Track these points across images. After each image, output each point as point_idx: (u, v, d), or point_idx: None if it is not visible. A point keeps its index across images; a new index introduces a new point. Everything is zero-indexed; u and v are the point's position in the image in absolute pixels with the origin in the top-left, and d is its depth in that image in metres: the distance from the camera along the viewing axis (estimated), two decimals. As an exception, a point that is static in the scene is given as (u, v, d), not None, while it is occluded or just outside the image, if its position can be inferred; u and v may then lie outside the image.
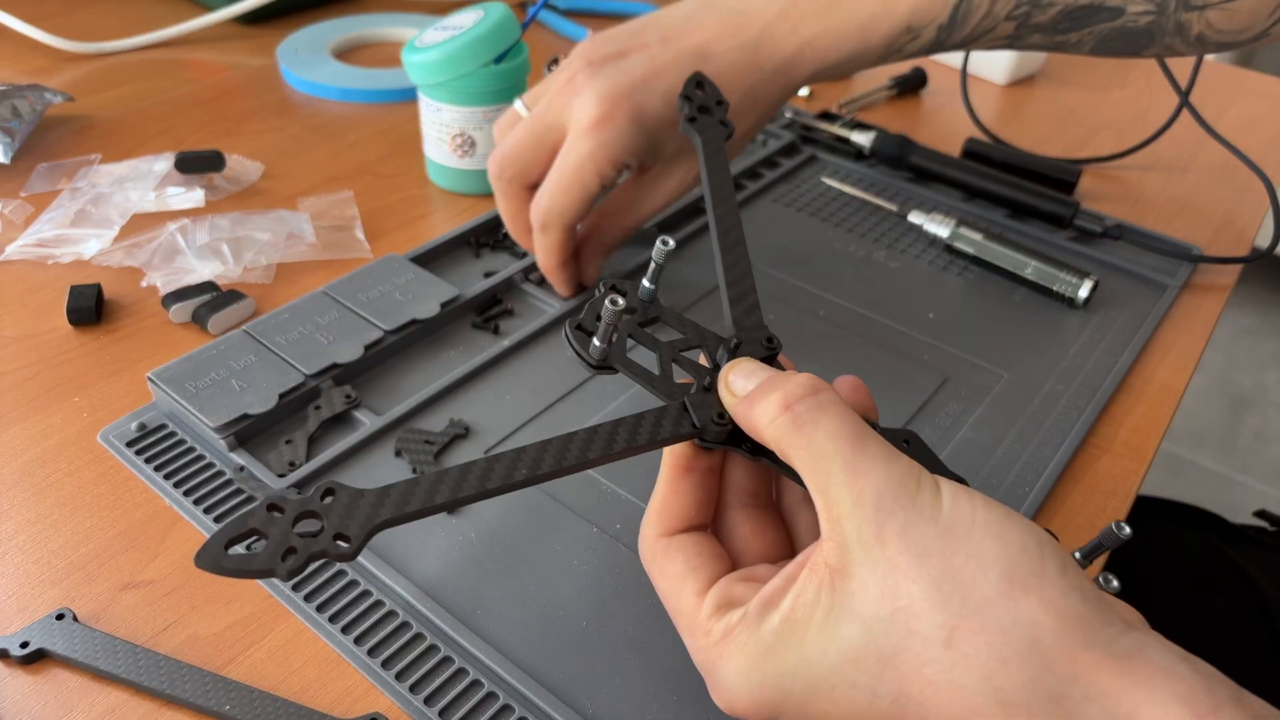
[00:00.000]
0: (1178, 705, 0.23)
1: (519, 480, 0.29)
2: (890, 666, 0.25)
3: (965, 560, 0.25)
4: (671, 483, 0.32)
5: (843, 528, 0.27)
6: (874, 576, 0.26)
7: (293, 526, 0.26)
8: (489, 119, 0.59)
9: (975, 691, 0.24)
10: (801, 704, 0.27)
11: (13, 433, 0.44)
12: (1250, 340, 1.86)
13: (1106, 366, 0.51)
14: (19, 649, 0.35)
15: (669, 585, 0.31)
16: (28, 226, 0.57)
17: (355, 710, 0.34)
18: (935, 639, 0.25)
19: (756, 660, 0.27)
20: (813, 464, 0.28)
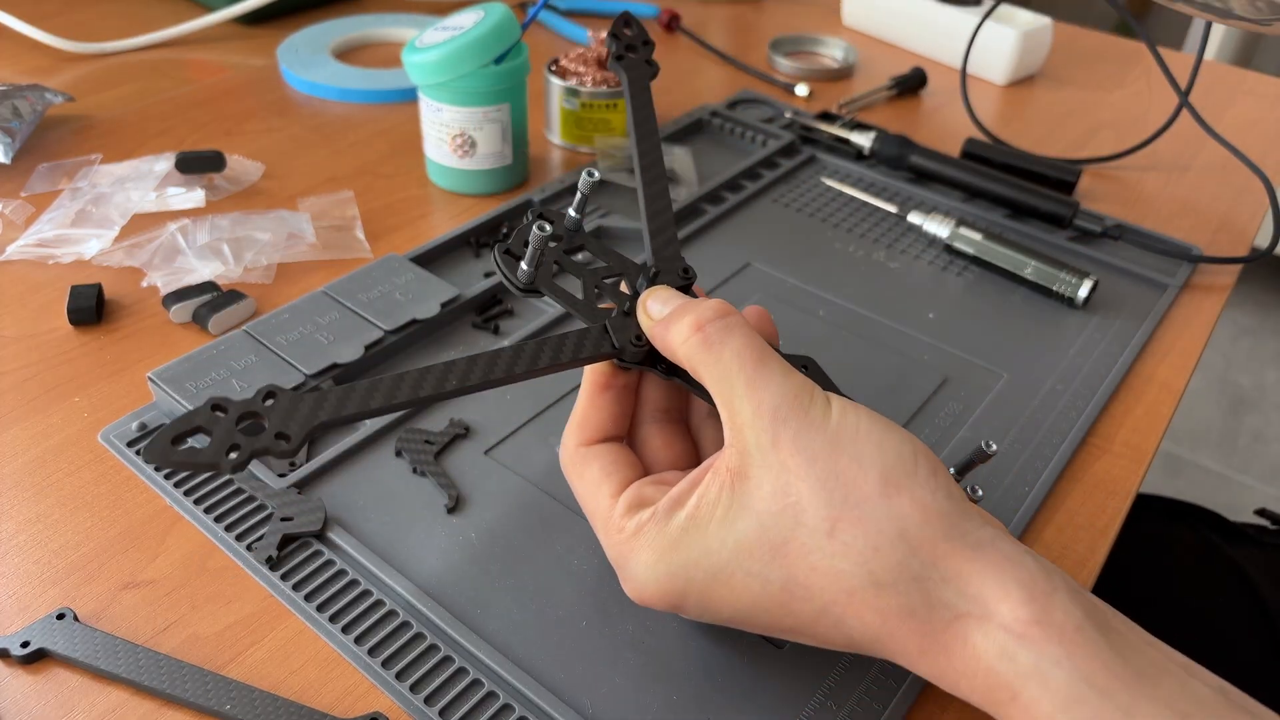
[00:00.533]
0: (1018, 588, 0.27)
1: (450, 390, 0.31)
2: (780, 555, 0.29)
3: (848, 463, 0.29)
4: (591, 398, 0.35)
5: (744, 435, 0.30)
6: (768, 477, 0.29)
7: (236, 425, 0.27)
8: (489, 119, 0.59)
9: (851, 575, 0.28)
10: (703, 591, 0.30)
11: (13, 433, 0.44)
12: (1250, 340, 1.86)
13: (1106, 366, 0.51)
14: (19, 648, 0.35)
15: (586, 489, 0.34)
16: (28, 226, 0.57)
17: (355, 710, 0.34)
18: (820, 530, 0.29)
19: (663, 552, 0.31)
20: (719, 379, 0.31)
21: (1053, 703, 0.26)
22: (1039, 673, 0.26)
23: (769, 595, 0.30)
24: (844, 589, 0.28)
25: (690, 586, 0.31)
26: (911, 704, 0.35)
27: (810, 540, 0.29)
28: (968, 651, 0.27)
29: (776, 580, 0.29)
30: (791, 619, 0.30)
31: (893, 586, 0.28)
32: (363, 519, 0.41)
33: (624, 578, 0.33)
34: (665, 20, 0.90)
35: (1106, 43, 0.93)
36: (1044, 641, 0.26)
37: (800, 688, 0.35)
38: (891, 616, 0.28)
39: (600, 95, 0.66)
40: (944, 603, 0.28)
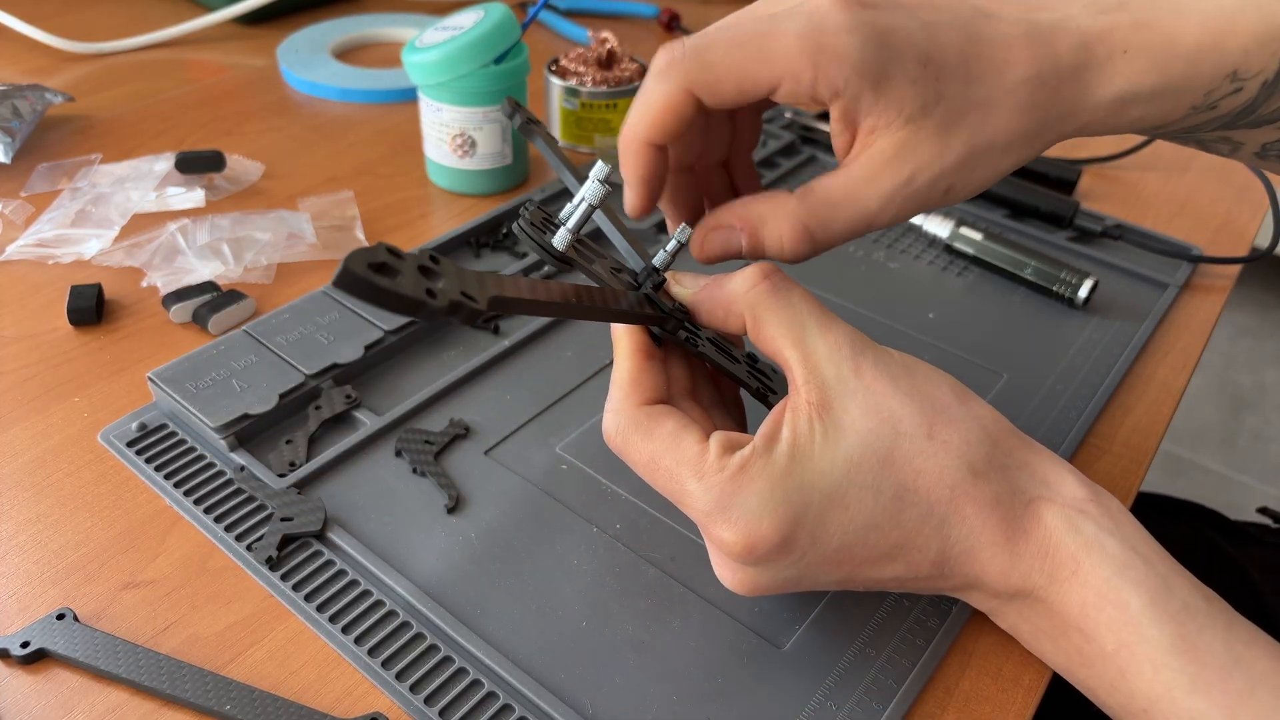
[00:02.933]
0: (1071, 475, 0.33)
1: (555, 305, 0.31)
2: (887, 464, 0.31)
3: (923, 381, 0.33)
4: (640, 361, 0.35)
5: (821, 370, 0.32)
6: (854, 401, 0.32)
7: (419, 273, 0.25)
8: (489, 119, 0.60)
9: (953, 469, 0.31)
10: (820, 514, 0.31)
11: (13, 433, 0.44)
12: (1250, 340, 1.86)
13: (1106, 366, 0.51)
14: (19, 649, 0.35)
15: (664, 443, 0.33)
16: (28, 226, 0.57)
17: (355, 710, 0.34)
18: (919, 434, 0.32)
19: (777, 480, 0.31)
20: (789, 321, 0.33)
21: (1110, 567, 0.30)
22: (1098, 542, 0.31)
23: (881, 507, 0.31)
24: (948, 484, 0.31)
25: (807, 512, 0.31)
26: (911, 705, 0.35)
27: (912, 445, 0.31)
28: (1041, 530, 0.31)
29: (888, 489, 0.31)
30: (898, 531, 0.32)
31: (985, 475, 0.32)
32: (363, 519, 0.41)
33: (730, 519, 0.31)
34: (665, 20, 0.90)
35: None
36: (1100, 515, 0.32)
37: (800, 688, 0.35)
38: (985, 505, 0.31)
39: (600, 95, 0.66)
40: (1021, 488, 0.32)
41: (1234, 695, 0.28)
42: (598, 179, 0.32)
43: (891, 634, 0.37)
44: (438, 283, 0.25)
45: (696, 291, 0.36)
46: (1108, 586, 0.30)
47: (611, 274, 0.36)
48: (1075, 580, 0.31)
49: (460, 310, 0.25)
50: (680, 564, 0.39)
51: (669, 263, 0.36)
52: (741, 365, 0.37)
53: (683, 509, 0.33)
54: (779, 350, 0.33)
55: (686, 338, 0.35)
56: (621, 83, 0.67)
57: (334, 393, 0.46)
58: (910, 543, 0.32)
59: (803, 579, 0.33)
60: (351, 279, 0.23)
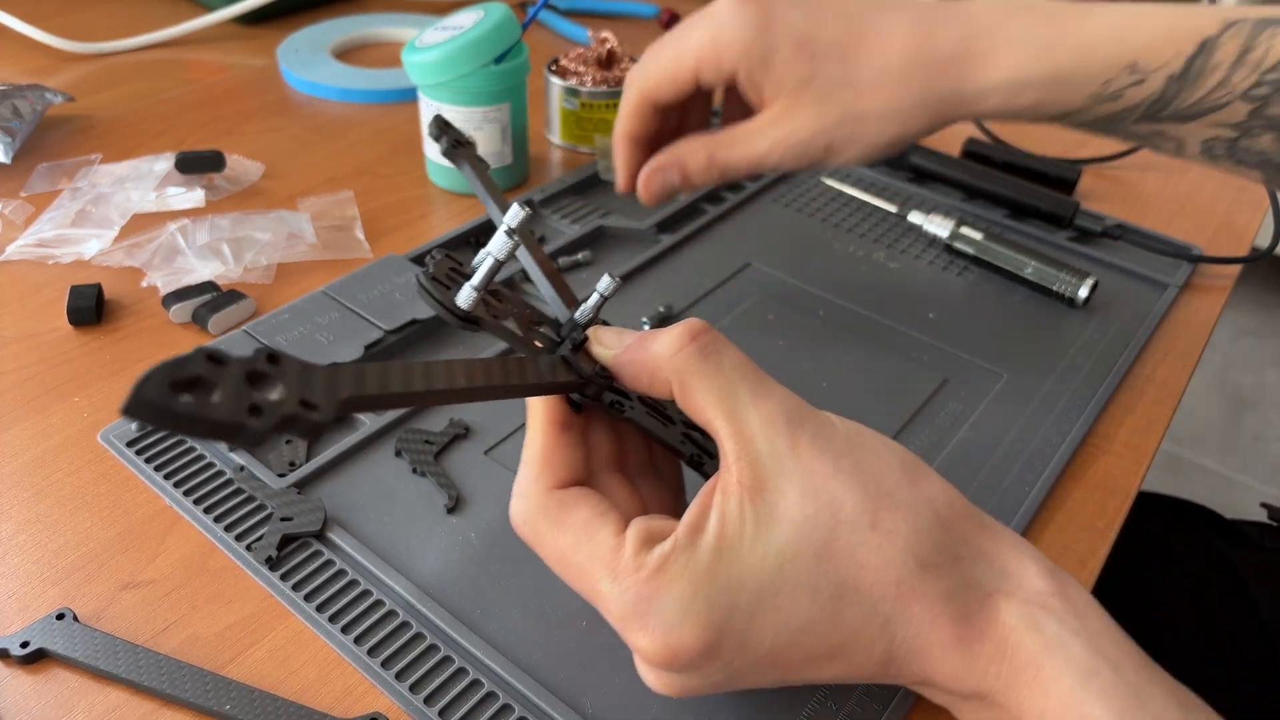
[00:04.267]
0: (1034, 563, 0.29)
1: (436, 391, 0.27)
2: (825, 558, 0.28)
3: (870, 458, 0.29)
4: (554, 437, 0.32)
5: (755, 446, 0.29)
6: (791, 483, 0.28)
7: (247, 384, 0.21)
8: (489, 119, 0.59)
9: (899, 563, 0.28)
10: (748, 617, 0.28)
11: (13, 433, 0.44)
12: (1250, 340, 1.86)
13: (1106, 366, 0.51)
14: (19, 649, 0.35)
15: (575, 535, 0.30)
16: (28, 226, 0.57)
17: (355, 710, 0.34)
18: (862, 523, 0.28)
19: (700, 581, 0.28)
20: (720, 389, 0.30)
21: (1074, 675, 0.27)
22: (1061, 644, 0.27)
23: (818, 607, 0.28)
24: (893, 580, 0.28)
25: (733, 616, 0.28)
26: (911, 706, 0.35)
27: (854, 536, 0.28)
28: (998, 629, 0.28)
29: (826, 587, 0.28)
30: (838, 633, 0.28)
31: (936, 568, 0.28)
32: (362, 519, 0.41)
33: (647, 627, 0.28)
34: (665, 20, 0.90)
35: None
36: (1064, 612, 0.28)
37: (800, 688, 0.35)
38: (935, 602, 0.28)
39: (600, 95, 0.66)
40: (977, 581, 0.29)
41: None
42: (507, 227, 0.30)
43: (891, 634, 0.37)
44: (270, 392, 0.21)
45: (619, 353, 0.32)
46: (1070, 697, 0.27)
47: (529, 328, 0.33)
48: (1035, 687, 0.27)
49: (297, 424, 0.21)
50: (680, 564, 0.39)
51: (592, 316, 0.34)
52: (676, 428, 0.34)
53: (598, 609, 0.30)
54: (709, 421, 0.30)
55: (612, 402, 0.32)
56: (621, 83, 0.67)
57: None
58: (852, 644, 0.28)
59: (734, 680, 0.30)
60: (143, 406, 0.18)
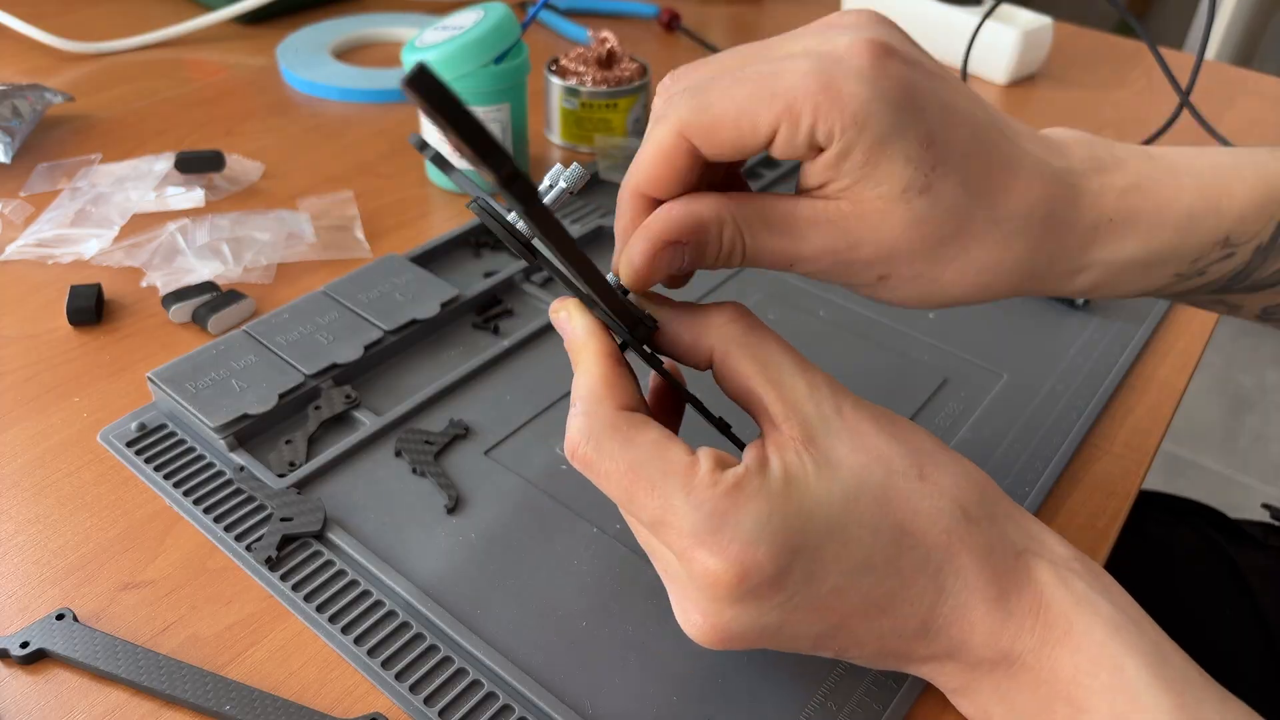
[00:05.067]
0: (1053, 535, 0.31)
1: None
2: (884, 502, 0.29)
3: (903, 428, 0.31)
4: (612, 367, 0.31)
5: (802, 408, 0.30)
6: (840, 439, 0.30)
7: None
8: (489, 119, 0.59)
9: (948, 512, 0.29)
10: (817, 548, 0.28)
11: (13, 433, 0.44)
12: (1250, 340, 1.86)
13: (1107, 366, 0.51)
14: (19, 649, 0.35)
15: (647, 450, 0.29)
16: (27, 226, 0.57)
17: (355, 710, 0.34)
18: (911, 474, 0.29)
19: (776, 503, 0.28)
20: (765, 360, 0.31)
21: (1104, 629, 0.28)
22: (1089, 601, 0.29)
23: (880, 548, 0.29)
24: (943, 528, 0.29)
25: (806, 543, 0.28)
26: (911, 705, 0.35)
27: (906, 484, 0.29)
28: (1033, 586, 0.29)
29: (886, 529, 0.29)
30: (894, 579, 0.29)
31: (978, 522, 0.29)
32: (362, 519, 0.40)
33: (721, 543, 0.27)
34: (665, 20, 0.90)
35: (1107, 42, 0.93)
36: (1088, 575, 0.29)
37: (800, 688, 0.35)
38: (979, 554, 0.29)
39: (600, 95, 0.66)
40: (1010, 539, 0.30)
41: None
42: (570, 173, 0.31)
43: (892, 634, 0.37)
44: None
45: (675, 314, 0.32)
46: (1102, 650, 0.28)
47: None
48: (1067, 643, 0.28)
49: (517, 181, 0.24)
50: (680, 564, 0.39)
51: None
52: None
53: (659, 532, 0.29)
54: (750, 389, 0.30)
55: (651, 353, 0.33)
56: (621, 82, 0.67)
57: (334, 393, 0.46)
58: (903, 593, 0.29)
59: (782, 629, 0.29)
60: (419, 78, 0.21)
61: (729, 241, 0.31)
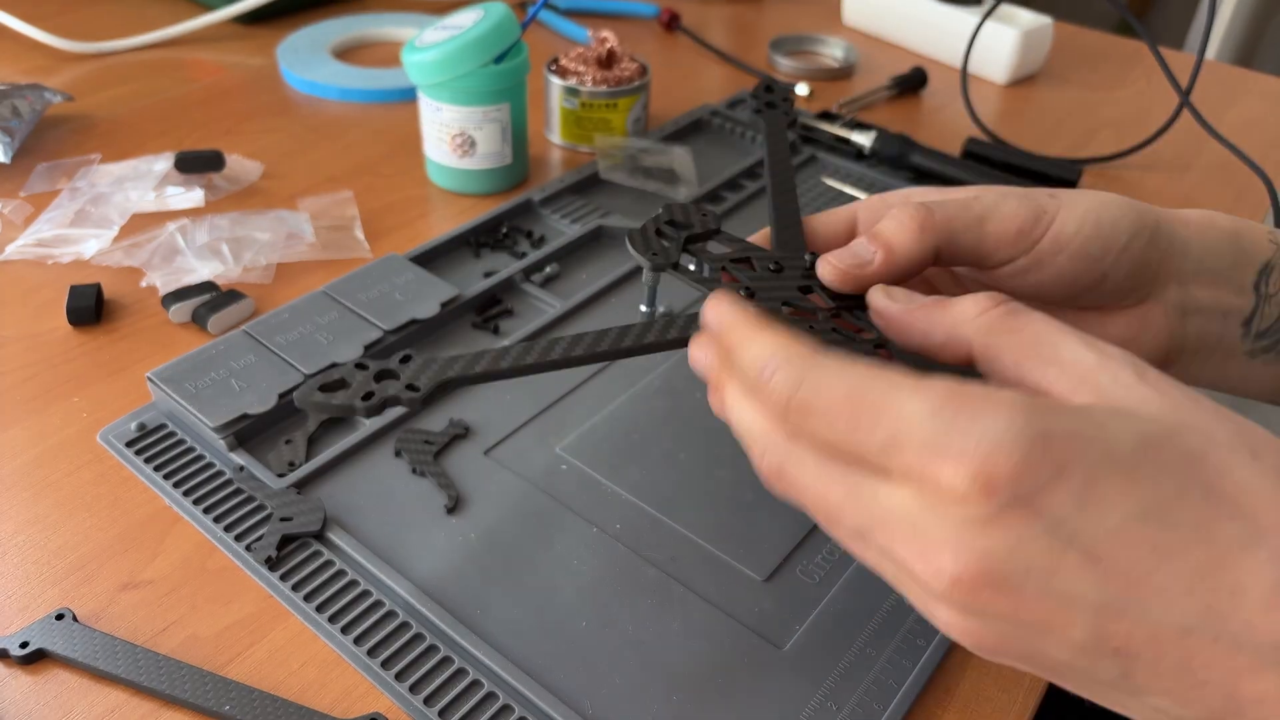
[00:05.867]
0: None
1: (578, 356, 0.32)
2: (1197, 464, 0.23)
3: (1228, 412, 0.25)
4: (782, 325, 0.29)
5: (1095, 377, 0.25)
6: (1145, 401, 0.25)
7: (374, 379, 0.30)
8: (489, 119, 0.59)
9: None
10: (1093, 470, 0.22)
11: (12, 433, 0.44)
12: (1250, 340, 1.85)
13: (1107, 366, 0.51)
14: (19, 649, 0.35)
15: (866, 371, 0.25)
16: (27, 226, 0.57)
17: (355, 710, 0.34)
18: (1240, 448, 0.24)
19: (1040, 412, 0.23)
20: (1035, 342, 0.27)
21: None
22: None
23: (1188, 503, 0.22)
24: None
25: (1077, 461, 0.22)
26: (912, 705, 0.35)
27: (1233, 457, 0.23)
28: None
29: (1197, 489, 0.23)
30: (1203, 546, 0.22)
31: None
32: (362, 519, 0.40)
33: (971, 441, 0.22)
34: (665, 20, 0.90)
35: (1107, 42, 0.93)
36: None
37: (800, 688, 0.35)
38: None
39: (600, 95, 0.66)
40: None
41: None
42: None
43: (892, 634, 0.37)
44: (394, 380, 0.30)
45: (911, 308, 0.30)
46: None
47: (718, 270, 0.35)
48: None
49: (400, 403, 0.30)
50: (680, 564, 0.39)
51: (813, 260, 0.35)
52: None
53: (891, 457, 0.24)
54: (1024, 377, 0.26)
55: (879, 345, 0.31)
56: (621, 82, 0.67)
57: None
58: (1217, 573, 0.22)
59: (1053, 578, 0.23)
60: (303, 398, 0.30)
61: None
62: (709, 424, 0.45)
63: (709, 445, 0.44)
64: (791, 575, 0.39)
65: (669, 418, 0.46)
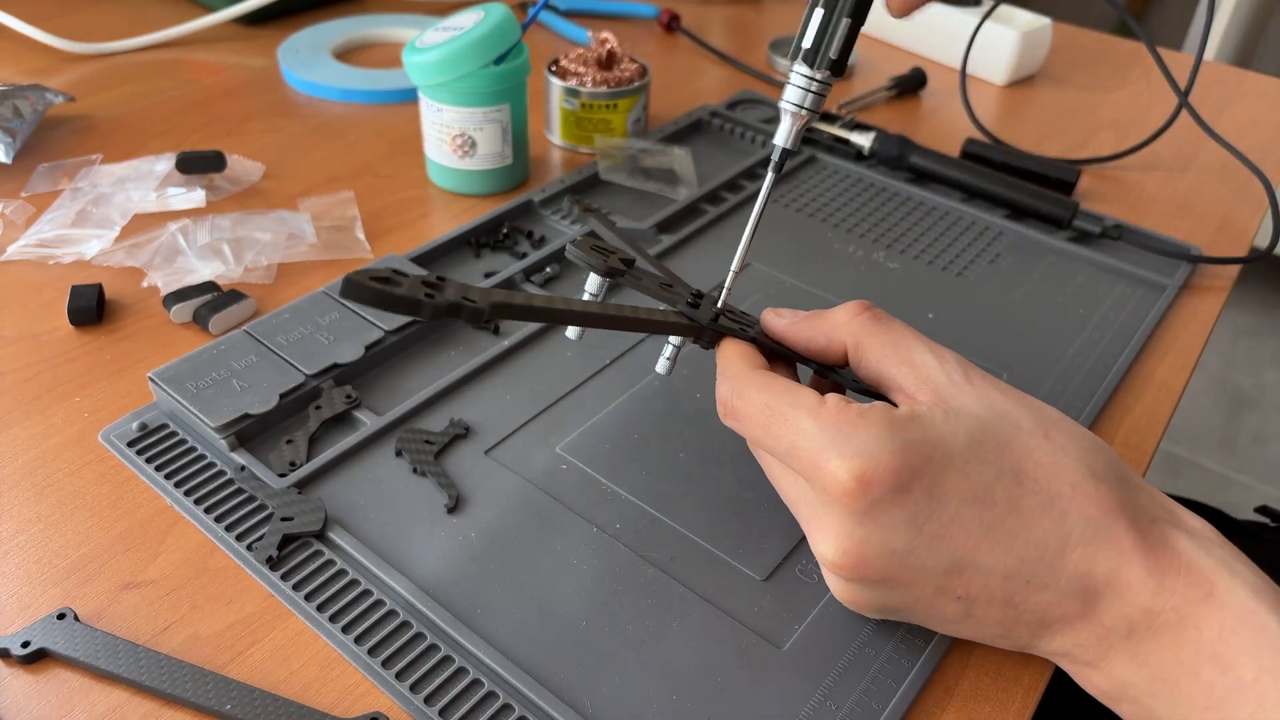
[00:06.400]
0: (1184, 509, 0.32)
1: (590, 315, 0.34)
2: (1007, 450, 0.31)
3: (1028, 397, 0.33)
4: (749, 348, 0.37)
5: (933, 378, 0.33)
6: (969, 400, 0.32)
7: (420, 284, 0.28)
8: (489, 119, 0.60)
9: (1073, 468, 0.31)
10: (939, 471, 0.30)
11: (14, 433, 0.44)
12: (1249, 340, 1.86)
13: (1106, 367, 0.51)
14: (20, 648, 0.35)
15: (781, 392, 0.33)
16: (29, 227, 0.57)
17: (355, 710, 0.34)
18: (1036, 433, 0.32)
19: (901, 424, 0.31)
20: (893, 345, 0.35)
21: (1245, 590, 0.29)
22: (1228, 565, 0.29)
23: (1002, 485, 0.30)
24: (1069, 480, 0.31)
25: (928, 464, 0.30)
26: (911, 704, 0.35)
27: (1030, 440, 0.31)
28: (1169, 549, 0.30)
29: (1008, 471, 0.31)
30: (1017, 516, 0.30)
31: (1108, 483, 0.31)
32: (363, 519, 0.41)
33: (846, 452, 0.30)
34: (665, 20, 0.90)
35: (1106, 43, 0.93)
36: (1223, 544, 0.31)
37: (800, 687, 0.35)
38: (1113, 510, 0.30)
39: (600, 95, 0.66)
40: (1142, 506, 0.31)
41: None
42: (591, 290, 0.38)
43: (891, 634, 0.37)
44: (441, 294, 0.29)
45: (795, 321, 0.38)
46: (1245, 609, 0.28)
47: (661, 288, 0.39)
48: (1211, 603, 0.29)
49: (462, 310, 0.28)
50: (680, 563, 0.39)
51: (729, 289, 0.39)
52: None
53: (791, 458, 0.32)
54: (882, 372, 0.35)
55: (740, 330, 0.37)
56: (621, 83, 0.67)
57: (334, 393, 0.46)
58: (1026, 533, 0.30)
59: (910, 555, 0.31)
60: (353, 287, 0.27)
61: None
62: (709, 424, 0.45)
63: (708, 445, 0.45)
64: (791, 575, 0.39)
65: (669, 418, 0.46)
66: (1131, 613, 0.29)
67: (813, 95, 0.36)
